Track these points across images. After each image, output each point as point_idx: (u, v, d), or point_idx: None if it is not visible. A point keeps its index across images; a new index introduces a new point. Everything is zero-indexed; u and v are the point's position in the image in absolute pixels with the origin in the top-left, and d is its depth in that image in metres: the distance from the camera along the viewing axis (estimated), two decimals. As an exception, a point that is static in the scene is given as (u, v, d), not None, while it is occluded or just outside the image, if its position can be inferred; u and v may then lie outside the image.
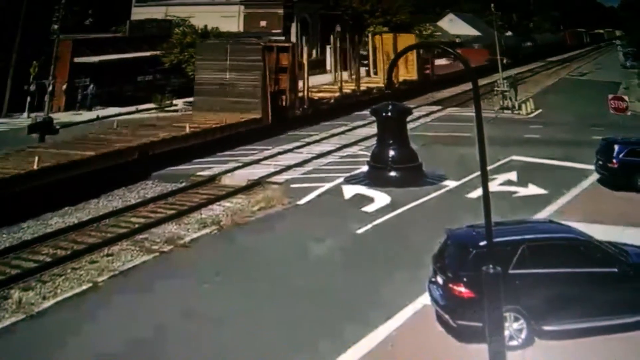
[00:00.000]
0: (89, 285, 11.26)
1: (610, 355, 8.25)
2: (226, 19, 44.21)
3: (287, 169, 19.96)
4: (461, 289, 8.39)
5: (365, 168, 7.63)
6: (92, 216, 15.47)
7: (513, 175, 18.11)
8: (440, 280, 8.94)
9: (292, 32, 49.51)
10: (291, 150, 22.85)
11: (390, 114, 7.07)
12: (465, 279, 8.38)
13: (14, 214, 14.68)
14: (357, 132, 26.82)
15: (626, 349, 8.37)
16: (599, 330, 8.49)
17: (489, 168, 7.70)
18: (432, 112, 33.32)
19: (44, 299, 10.75)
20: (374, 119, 6.96)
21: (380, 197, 15.55)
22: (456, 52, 8.38)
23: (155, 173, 19.41)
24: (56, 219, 15.33)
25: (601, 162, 16.88)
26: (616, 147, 16.46)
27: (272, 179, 18.80)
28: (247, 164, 20.62)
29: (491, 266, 7.44)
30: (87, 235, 14.07)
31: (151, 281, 11.40)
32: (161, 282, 11.26)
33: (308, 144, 24.24)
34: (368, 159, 7.52)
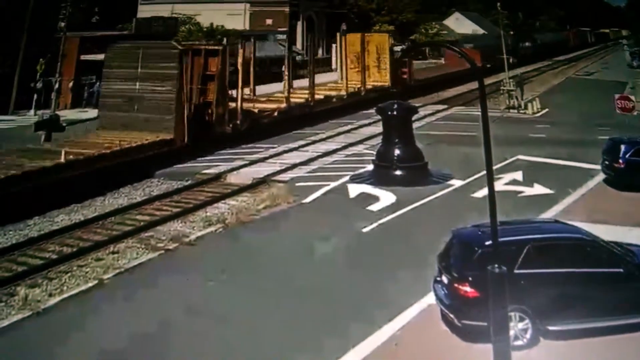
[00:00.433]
0: (95, 282, 11.31)
1: (616, 356, 8.23)
2: (232, 17, 44.30)
3: (293, 167, 19.99)
4: (466, 289, 8.38)
5: (370, 167, 7.63)
6: (97, 213, 15.53)
7: (519, 175, 18.07)
8: (445, 279, 8.93)
9: (298, 30, 49.56)
10: (297, 149, 22.90)
11: (395, 113, 7.07)
12: (470, 279, 8.36)
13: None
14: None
15: (632, 349, 8.33)
16: (604, 331, 8.46)
17: (494, 167, 7.67)
18: (437, 111, 33.25)
19: (50, 295, 10.80)
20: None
21: (386, 196, 15.51)
22: (462, 50, 8.35)
23: (161, 171, 19.48)
24: (62, 216, 15.40)
25: (607, 162, 16.81)
26: (623, 147, 16.39)
27: (277, 177, 18.82)
28: (252, 162, 20.66)
29: (496, 266, 7.43)
30: (92, 233, 14.14)
31: (156, 279, 11.44)
32: (166, 280, 11.30)
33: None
34: (373, 157, 7.55)
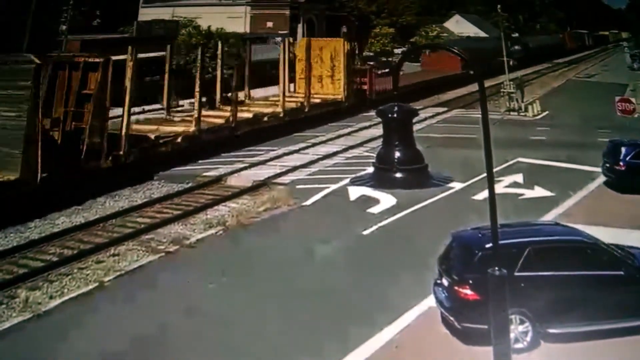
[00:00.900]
0: (95, 284, 11.32)
1: (617, 359, 8.22)
2: (233, 20, 44.38)
3: (293, 169, 20.00)
4: (466, 291, 8.38)
5: (370, 169, 7.64)
6: (98, 216, 15.54)
7: (519, 177, 18.08)
8: (445, 282, 8.93)
9: (299, 33, 49.61)
10: (297, 151, 22.92)
11: (396, 115, 7.09)
12: (470, 281, 8.36)
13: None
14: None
15: (632, 352, 8.33)
16: (604, 334, 8.45)
17: (495, 170, 7.68)
18: (437, 114, 33.27)
19: (51, 298, 10.80)
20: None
21: (386, 199, 15.53)
22: (460, 52, 8.36)
23: (162, 173, 19.49)
24: (63, 219, 15.40)
25: (608, 165, 16.81)
26: (623, 150, 16.40)
27: (277, 179, 18.84)
28: (253, 165, 20.67)
29: (497, 268, 7.43)
30: (93, 235, 14.14)
31: (157, 281, 11.44)
32: (167, 282, 11.30)
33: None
34: (373, 160, 7.53)
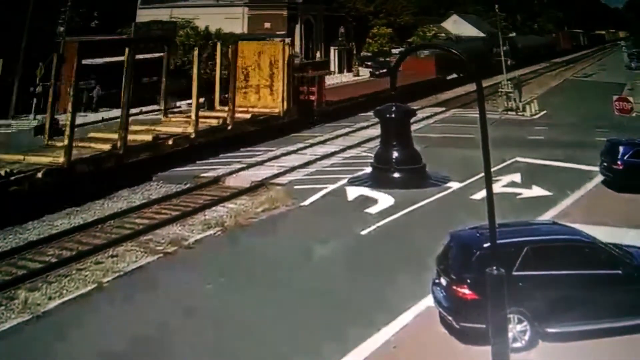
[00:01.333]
0: (94, 285, 11.32)
1: (614, 358, 8.24)
2: (230, 20, 44.35)
3: (291, 170, 20.01)
4: (465, 291, 8.39)
5: (368, 169, 7.65)
6: (97, 217, 15.55)
7: (517, 177, 18.11)
8: (443, 281, 8.95)
9: (297, 33, 49.64)
10: (295, 152, 22.93)
11: (393, 115, 7.08)
12: (468, 281, 8.38)
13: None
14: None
15: (630, 351, 8.34)
16: (602, 333, 8.46)
17: (492, 169, 7.69)
18: (435, 114, 33.30)
19: (50, 299, 10.82)
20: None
21: (384, 199, 15.56)
22: (459, 53, 8.34)
23: (160, 174, 19.49)
24: (61, 220, 15.41)
25: (606, 164, 16.84)
26: (621, 149, 16.43)
27: (275, 180, 18.85)
28: (251, 165, 20.68)
29: (495, 268, 7.44)
30: (92, 236, 14.15)
31: (155, 282, 11.45)
32: (165, 283, 11.31)
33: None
34: (372, 160, 7.52)
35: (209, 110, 25.94)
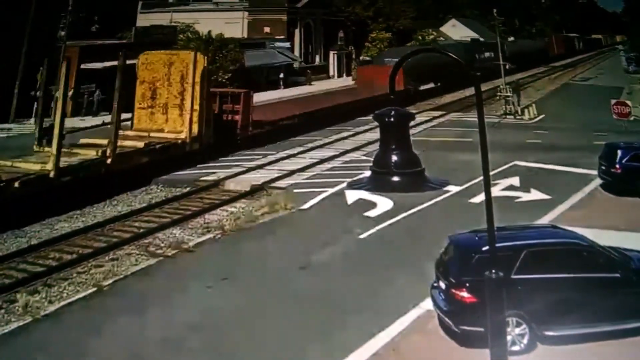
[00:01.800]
0: (94, 289, 11.35)
1: (613, 361, 8.29)
2: (230, 25, 44.48)
3: (291, 173, 20.06)
4: (464, 294, 8.43)
5: (367, 173, 7.69)
6: (97, 221, 15.58)
7: (516, 181, 18.15)
8: (442, 285, 8.98)
9: (296, 37, 49.76)
10: (294, 155, 22.97)
11: (392, 119, 7.14)
12: (467, 284, 8.41)
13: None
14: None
15: (629, 354, 8.38)
16: (601, 336, 8.50)
17: (491, 173, 7.75)
18: (434, 118, 33.38)
19: (50, 302, 10.85)
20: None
21: (383, 202, 15.61)
22: (456, 57, 8.40)
23: (160, 178, 19.54)
24: (62, 224, 15.45)
25: (604, 167, 16.89)
26: (619, 152, 16.48)
27: (275, 183, 18.89)
28: (251, 169, 20.73)
29: (494, 271, 7.49)
30: (92, 240, 14.19)
31: (155, 285, 11.48)
32: (165, 286, 11.35)
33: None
34: (371, 164, 7.58)
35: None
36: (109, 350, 8.97)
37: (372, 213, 15.22)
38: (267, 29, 47.89)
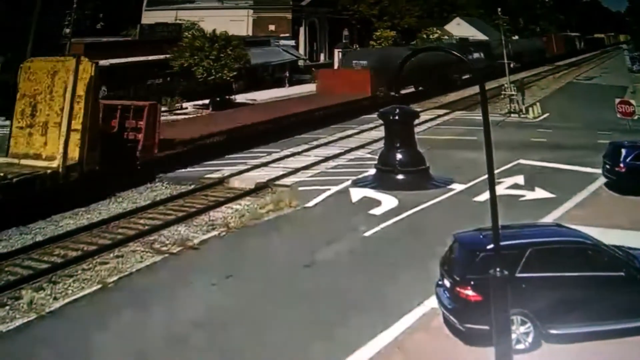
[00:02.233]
0: (99, 286, 11.40)
1: (617, 359, 8.27)
2: (235, 23, 44.54)
3: (296, 171, 20.09)
4: (468, 292, 8.43)
5: (372, 171, 7.71)
6: (102, 218, 15.64)
7: (520, 179, 18.13)
8: (447, 283, 8.99)
9: (301, 36, 49.80)
10: (299, 153, 22.99)
11: (397, 117, 7.16)
12: (472, 282, 8.41)
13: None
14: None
15: (633, 353, 8.37)
16: (606, 334, 8.49)
17: (496, 172, 7.75)
18: (439, 116, 33.35)
19: (55, 299, 10.89)
20: None
21: (388, 200, 15.62)
22: (463, 56, 8.41)
23: (165, 175, 19.60)
24: (67, 221, 15.51)
25: (608, 166, 16.87)
26: (623, 151, 16.44)
27: (280, 181, 18.93)
28: (255, 167, 20.77)
29: (498, 269, 7.50)
30: (97, 237, 14.24)
31: (160, 282, 11.53)
32: (170, 283, 11.39)
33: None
34: (375, 162, 7.61)
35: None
36: (114, 347, 9.00)
37: (376, 211, 15.23)
38: (272, 27, 47.95)
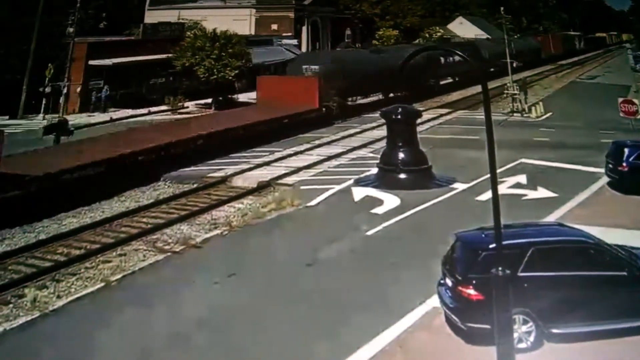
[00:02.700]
0: (102, 284, 11.43)
1: (619, 359, 8.28)
2: (238, 22, 44.57)
3: (298, 170, 20.10)
4: (470, 292, 8.45)
5: (375, 170, 7.73)
6: (105, 216, 15.69)
7: (523, 178, 18.12)
8: (449, 282, 9.01)
9: (303, 35, 49.81)
10: (302, 152, 23.00)
11: (399, 117, 7.18)
12: (474, 282, 8.43)
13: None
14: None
15: (635, 352, 8.38)
16: (607, 334, 8.51)
17: (498, 171, 7.76)
18: (441, 115, 33.33)
19: (58, 297, 10.93)
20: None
21: (390, 199, 15.61)
22: (467, 57, 8.43)
23: (168, 174, 19.64)
24: (70, 219, 15.56)
25: (611, 166, 16.86)
26: (626, 151, 16.44)
27: (282, 180, 18.95)
28: (258, 166, 20.80)
29: (500, 269, 7.52)
30: (100, 235, 14.28)
31: (163, 281, 11.56)
32: (173, 282, 11.42)
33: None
34: (378, 161, 7.64)
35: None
36: (117, 345, 9.03)
37: (379, 210, 15.24)
38: (274, 26, 47.97)
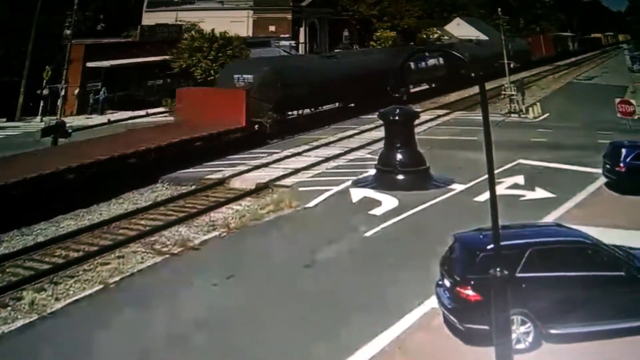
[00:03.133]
0: (100, 286, 11.42)
1: (617, 359, 8.29)
2: (236, 23, 44.53)
3: (296, 172, 20.11)
4: (468, 292, 8.45)
5: (372, 171, 7.73)
6: (103, 218, 15.67)
7: (520, 179, 18.15)
8: (447, 283, 9.02)
9: (301, 36, 49.82)
10: (299, 154, 23.01)
11: (397, 118, 7.18)
12: (472, 282, 8.44)
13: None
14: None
15: (633, 352, 8.39)
16: (606, 334, 8.52)
17: (496, 172, 7.77)
18: (439, 116, 33.37)
19: (57, 300, 10.92)
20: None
21: (388, 200, 15.62)
22: (461, 55, 8.43)
23: (166, 176, 19.64)
24: (68, 222, 15.54)
25: (609, 166, 16.89)
26: (624, 151, 16.46)
27: (280, 182, 18.95)
28: (256, 167, 20.80)
29: (498, 269, 7.53)
30: (98, 238, 14.27)
31: (161, 282, 11.55)
32: (171, 283, 11.42)
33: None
34: (376, 162, 7.65)
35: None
36: (116, 347, 9.03)
37: (377, 211, 15.25)
38: (272, 28, 47.97)
